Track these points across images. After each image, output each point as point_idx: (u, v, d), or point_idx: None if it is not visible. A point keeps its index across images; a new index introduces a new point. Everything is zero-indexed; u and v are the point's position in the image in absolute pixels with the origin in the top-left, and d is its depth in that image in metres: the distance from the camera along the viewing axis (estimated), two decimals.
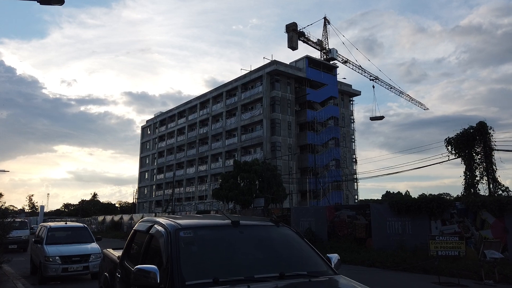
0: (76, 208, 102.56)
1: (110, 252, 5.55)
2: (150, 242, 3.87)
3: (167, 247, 3.31)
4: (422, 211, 15.88)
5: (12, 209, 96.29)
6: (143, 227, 4.24)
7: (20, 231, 22.22)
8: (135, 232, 4.61)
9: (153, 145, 74.44)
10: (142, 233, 4.22)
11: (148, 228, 4.02)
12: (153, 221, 4.11)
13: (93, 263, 11.55)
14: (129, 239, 4.63)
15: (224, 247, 3.47)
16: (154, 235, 3.82)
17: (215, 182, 54.73)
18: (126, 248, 4.59)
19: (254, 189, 26.88)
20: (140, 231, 4.37)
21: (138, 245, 4.29)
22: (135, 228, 4.64)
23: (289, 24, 55.21)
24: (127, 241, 4.65)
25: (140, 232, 4.41)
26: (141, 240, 4.16)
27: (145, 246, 3.88)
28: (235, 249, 3.48)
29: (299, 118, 52.25)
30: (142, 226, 4.32)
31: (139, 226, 4.50)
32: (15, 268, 14.51)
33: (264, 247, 3.63)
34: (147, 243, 3.89)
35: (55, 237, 12.40)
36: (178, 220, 3.80)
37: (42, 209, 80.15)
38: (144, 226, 4.25)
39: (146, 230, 4.04)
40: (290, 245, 3.72)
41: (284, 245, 3.72)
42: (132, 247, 4.52)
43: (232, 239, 3.56)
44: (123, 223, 44.50)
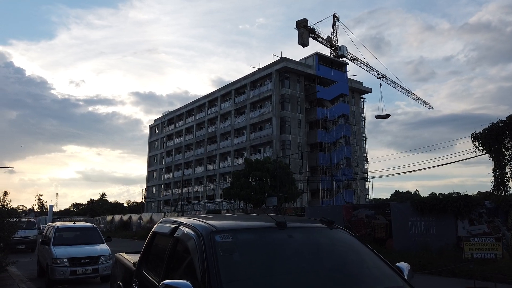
0: (85, 208, 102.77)
1: (123, 257, 4.84)
2: (175, 247, 3.15)
3: (200, 256, 2.58)
4: (448, 210, 15.01)
5: (21, 208, 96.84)
6: (165, 229, 3.52)
7: (27, 231, 21.75)
8: (154, 235, 3.89)
9: (161, 144, 74.05)
10: (164, 236, 3.51)
11: (172, 231, 3.29)
12: (177, 222, 3.39)
13: (102, 265, 10.91)
14: (147, 242, 3.92)
15: (272, 255, 2.74)
16: (180, 239, 3.11)
17: (224, 181, 54.10)
18: (144, 253, 3.87)
19: (266, 188, 26.13)
20: (161, 234, 3.66)
21: (159, 251, 3.58)
22: (154, 230, 3.91)
23: (300, 20, 54.35)
24: (145, 245, 3.93)
25: (161, 235, 3.70)
26: (163, 245, 3.45)
27: (169, 253, 3.16)
28: (285, 258, 2.75)
29: (309, 116, 51.39)
30: (164, 228, 3.59)
31: (160, 228, 3.77)
32: (21, 270, 13.94)
33: (320, 256, 2.88)
34: (171, 249, 3.17)
35: (63, 237, 11.77)
36: (209, 220, 3.08)
37: (51, 209, 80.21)
38: (166, 227, 3.52)
39: (169, 232, 3.32)
40: (351, 253, 2.98)
41: (344, 252, 2.98)
42: (151, 252, 3.80)
43: (281, 245, 2.83)
44: (132, 223, 44.04)
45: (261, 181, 26.26)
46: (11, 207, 11.68)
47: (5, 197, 11.38)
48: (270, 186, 26.24)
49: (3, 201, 11.32)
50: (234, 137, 54.83)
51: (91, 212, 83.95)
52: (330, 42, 59.27)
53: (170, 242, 3.24)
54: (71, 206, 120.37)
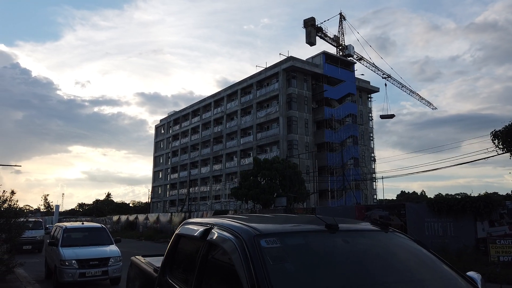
0: (91, 208, 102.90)
1: (141, 262, 4.44)
2: (208, 252, 2.74)
3: (245, 264, 2.17)
4: (467, 211, 14.51)
5: (27, 209, 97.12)
6: (194, 231, 3.10)
7: (34, 231, 21.46)
8: (178, 238, 3.48)
9: (167, 144, 73.83)
10: (193, 240, 3.10)
11: (203, 233, 2.88)
12: (208, 224, 2.97)
13: (112, 267, 10.54)
14: (171, 246, 3.51)
15: (327, 264, 2.32)
16: (215, 244, 2.70)
17: (230, 181, 53.70)
18: (168, 258, 3.46)
19: (275, 188, 25.68)
20: (189, 237, 3.25)
21: (187, 256, 3.18)
22: (179, 233, 3.49)
23: (307, 19, 53.84)
24: (169, 249, 3.52)
25: (188, 238, 3.29)
26: (192, 249, 3.05)
27: (201, 259, 2.75)
28: (343, 267, 2.33)
29: (316, 116, 50.88)
30: (192, 230, 3.18)
31: (186, 230, 3.35)
32: (28, 271, 13.62)
33: (383, 265, 2.44)
34: (204, 254, 2.76)
35: (71, 238, 11.42)
36: (247, 222, 2.67)
37: (57, 209, 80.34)
38: (195, 230, 3.11)
39: (200, 235, 2.90)
40: (417, 261, 2.56)
41: (409, 260, 2.55)
42: (177, 257, 3.39)
43: (337, 252, 2.42)
44: (139, 223, 43.79)
45: (270, 181, 25.81)
46: (18, 207, 11.34)
47: (12, 196, 11.05)
48: (279, 186, 25.80)
49: (10, 200, 10.98)
50: (240, 137, 54.44)
51: (97, 212, 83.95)
52: (337, 41, 58.77)
53: (201, 246, 2.83)
54: (76, 206, 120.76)
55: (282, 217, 3.59)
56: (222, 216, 3.13)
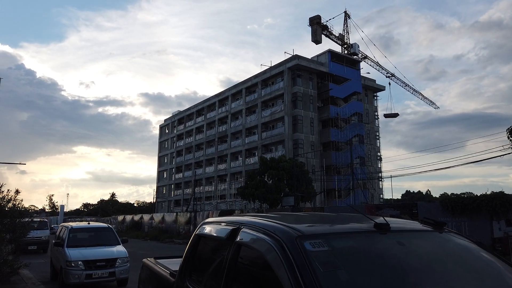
0: (95, 208, 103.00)
1: (154, 264, 4.10)
2: (237, 256, 2.39)
3: (290, 271, 1.82)
4: (482, 210, 14.10)
5: (32, 209, 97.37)
6: (219, 231, 2.75)
7: (40, 231, 21.24)
8: (198, 239, 3.13)
9: (171, 144, 73.64)
10: (217, 241, 2.76)
11: (231, 234, 2.53)
12: (236, 223, 2.63)
13: (119, 268, 10.23)
14: (190, 248, 3.16)
15: (383, 271, 1.96)
16: (247, 246, 2.35)
17: (235, 181, 53.39)
18: (187, 261, 3.12)
19: (282, 187, 25.31)
20: (212, 238, 2.90)
21: (210, 259, 2.84)
22: (199, 233, 3.14)
23: (313, 17, 53.40)
24: (187, 252, 3.17)
25: (211, 239, 2.95)
26: (216, 252, 2.72)
27: (229, 263, 2.41)
28: (402, 275, 1.97)
29: (321, 115, 50.47)
30: (215, 230, 2.83)
31: (207, 230, 3.00)
32: (34, 272, 13.36)
33: (446, 271, 2.07)
34: (232, 257, 2.41)
35: (77, 239, 11.13)
36: (284, 221, 2.33)
37: (62, 209, 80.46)
38: (220, 230, 2.76)
39: (227, 236, 2.56)
40: (481, 266, 2.20)
41: (472, 265, 2.19)
42: (197, 260, 3.05)
43: (392, 256, 2.07)
44: (144, 223, 43.58)
45: (277, 180, 25.44)
46: (23, 206, 11.07)
47: (17, 195, 10.77)
48: (286, 185, 25.42)
49: (15, 200, 10.71)
50: (245, 136, 54.11)
51: (102, 212, 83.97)
52: (342, 39, 58.31)
53: (229, 248, 2.48)
54: (81, 206, 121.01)
55: (318, 215, 3.20)
56: (250, 215, 2.78)
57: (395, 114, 61.03)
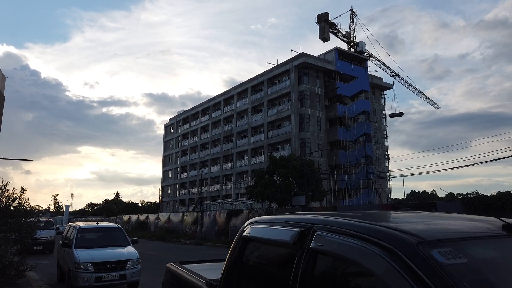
0: (100, 208, 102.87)
1: (181, 270, 3.54)
2: (312, 267, 1.83)
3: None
4: (506, 209, 13.46)
5: (37, 208, 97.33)
6: (279, 233, 2.16)
7: (45, 231, 20.81)
8: (245, 242, 2.56)
9: (176, 143, 73.23)
10: (277, 246, 2.20)
11: (299, 237, 1.96)
12: (306, 222, 2.05)
13: (130, 270, 9.71)
14: (235, 254, 2.59)
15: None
16: (328, 254, 1.79)
17: (241, 180, 52.85)
18: (231, 269, 2.56)
19: (292, 186, 24.73)
20: (268, 242, 2.32)
21: (265, 269, 2.29)
22: (247, 235, 2.54)
23: (321, 14, 52.76)
24: (231, 258, 2.61)
25: (265, 243, 2.37)
26: (275, 260, 2.16)
27: (302, 276, 1.85)
28: None
29: (328, 113, 49.82)
30: (273, 232, 2.24)
31: (260, 231, 2.41)
32: (40, 274, 12.88)
33: None
34: (305, 269, 1.85)
35: (86, 239, 10.62)
36: (375, 219, 1.77)
37: (67, 209, 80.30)
38: (278, 231, 2.17)
39: (293, 240, 1.98)
40: None
41: None
42: (245, 269, 2.49)
43: None
44: (150, 223, 43.16)
45: (287, 179, 24.86)
46: (29, 206, 10.59)
47: (22, 194, 10.28)
48: (296, 184, 24.84)
49: (20, 198, 10.22)
50: (251, 135, 53.55)
51: (107, 212, 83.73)
52: (348, 37, 57.67)
53: (298, 256, 1.92)
54: (86, 206, 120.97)
55: (405, 213, 2.56)
56: (320, 213, 2.22)
57: (400, 114, 60.34)
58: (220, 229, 29.91)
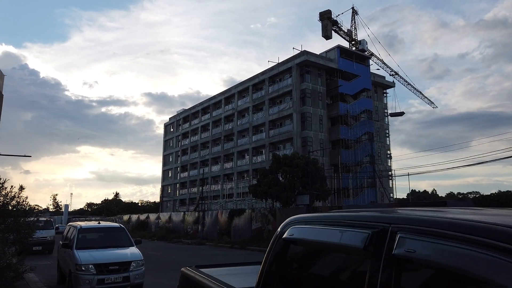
0: (99, 207, 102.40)
1: (200, 277, 3.11)
2: (396, 280, 1.40)
3: None
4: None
5: (36, 208, 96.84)
6: (338, 234, 1.72)
7: (45, 231, 20.35)
8: (286, 245, 2.12)
9: (176, 142, 72.77)
10: (337, 251, 1.77)
11: (371, 240, 1.52)
12: (376, 220, 1.61)
13: (134, 272, 9.28)
14: (274, 258, 2.15)
15: None
16: (426, 264, 1.35)
17: (242, 179, 52.41)
18: (271, 277, 2.13)
19: (296, 185, 24.30)
20: (324, 244, 1.86)
21: (320, 279, 1.85)
22: (291, 237, 2.08)
23: (323, 12, 52.36)
24: (269, 263, 2.17)
25: (319, 246, 1.92)
26: (335, 267, 1.73)
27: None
28: None
29: (330, 112, 49.39)
30: (331, 234, 1.76)
31: (308, 232, 1.96)
32: (39, 275, 12.45)
33: None
34: (385, 281, 1.42)
35: (87, 240, 10.19)
36: (499, 220, 1.34)
37: (66, 208, 79.83)
38: (337, 232, 1.73)
39: (362, 243, 1.53)
40: None
41: None
42: (288, 277, 2.06)
43: None
44: (150, 223, 42.74)
45: (291, 178, 24.42)
46: (28, 205, 10.15)
47: (21, 192, 9.84)
48: (300, 183, 24.41)
49: (19, 197, 9.79)
50: (252, 134, 53.12)
51: (107, 211, 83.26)
52: (350, 36, 57.32)
53: (371, 265, 1.49)
54: (85, 206, 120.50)
55: (493, 210, 2.15)
56: (393, 210, 1.79)
57: (401, 113, 60.02)
58: (222, 229, 29.48)
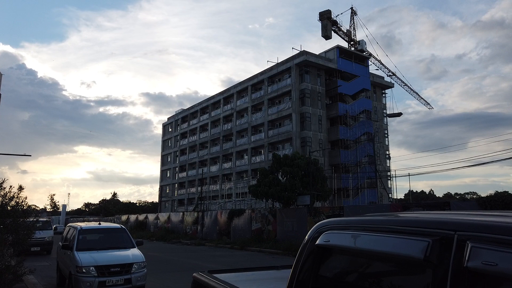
0: (97, 208, 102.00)
1: (214, 282, 2.92)
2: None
3: None
4: None
5: (34, 208, 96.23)
6: (392, 244, 1.44)
7: (43, 232, 20.10)
8: (321, 252, 1.94)
9: (174, 142, 72.50)
10: (386, 261, 1.58)
11: (434, 249, 1.32)
12: (435, 226, 1.41)
13: (136, 274, 9.08)
14: (307, 267, 1.98)
15: None
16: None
17: (241, 179, 52.21)
18: (299, 286, 1.93)
19: (297, 185, 24.11)
20: (369, 253, 1.65)
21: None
22: (326, 243, 1.90)
23: (323, 11, 52.28)
24: (300, 271, 1.99)
25: (363, 254, 1.72)
26: (385, 278, 1.54)
27: None
28: None
29: (330, 112, 49.28)
30: (375, 241, 1.55)
31: (348, 240, 1.74)
32: (38, 277, 12.22)
33: None
34: None
35: (88, 241, 9.98)
36: None
37: (64, 208, 79.40)
38: (386, 240, 1.49)
39: (422, 253, 1.29)
40: None
41: None
42: (327, 286, 1.87)
43: None
44: (149, 223, 42.49)
45: (292, 178, 24.23)
46: (27, 205, 9.91)
47: (20, 193, 9.61)
48: (301, 184, 24.22)
49: (18, 197, 9.55)
50: (251, 134, 52.94)
51: (105, 212, 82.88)
52: (349, 36, 57.26)
53: (435, 278, 1.30)
54: (83, 206, 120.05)
55: None
56: (453, 214, 1.60)
57: (399, 114, 60.04)
58: (222, 229, 29.27)
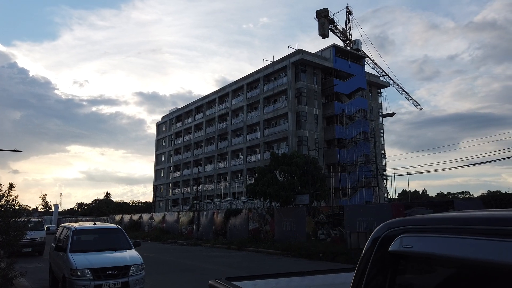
0: (90, 208, 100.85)
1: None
2: None
3: None
4: None
5: (26, 208, 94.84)
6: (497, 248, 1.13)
7: (34, 232, 19.46)
8: (395, 260, 1.52)
9: (169, 142, 71.80)
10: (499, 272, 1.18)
11: None
12: None
13: (133, 277, 8.62)
14: (377, 277, 1.57)
15: None
16: None
17: (236, 179, 51.75)
18: None
19: (295, 184, 23.75)
20: (493, 264, 1.26)
21: None
22: (407, 250, 1.45)
23: (320, 10, 52.01)
24: (370, 284, 1.58)
25: (463, 263, 1.33)
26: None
27: None
28: None
29: (326, 111, 49.01)
30: (478, 247, 1.21)
31: (448, 247, 1.33)
32: (30, 280, 11.69)
33: None
34: None
35: (82, 242, 9.49)
36: None
37: (56, 208, 78.31)
38: (498, 245, 1.15)
39: None
40: None
41: None
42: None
43: None
44: (143, 223, 41.89)
45: (290, 177, 23.86)
46: (18, 204, 9.41)
47: (10, 191, 9.11)
48: (300, 182, 23.87)
49: (8, 196, 9.05)
50: (246, 133, 52.49)
51: (98, 211, 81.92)
52: (345, 35, 57.10)
53: None
54: (75, 206, 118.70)
55: None
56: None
57: (392, 114, 60.12)
58: (218, 229, 28.82)
